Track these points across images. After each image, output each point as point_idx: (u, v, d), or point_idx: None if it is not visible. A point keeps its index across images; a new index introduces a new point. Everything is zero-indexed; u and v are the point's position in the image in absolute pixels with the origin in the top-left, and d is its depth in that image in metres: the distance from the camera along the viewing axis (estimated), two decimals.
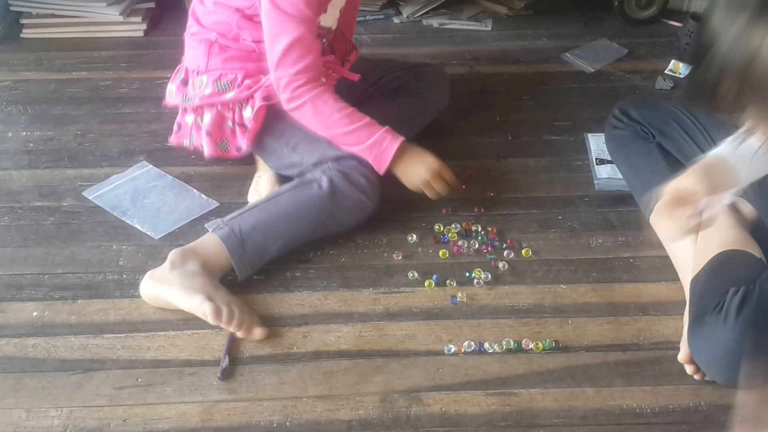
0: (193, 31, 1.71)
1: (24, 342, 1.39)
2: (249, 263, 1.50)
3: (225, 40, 1.66)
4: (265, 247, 1.51)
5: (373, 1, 2.49)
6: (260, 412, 1.28)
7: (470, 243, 1.60)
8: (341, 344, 1.39)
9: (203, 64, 1.68)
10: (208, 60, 1.67)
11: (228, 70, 1.66)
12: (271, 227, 1.52)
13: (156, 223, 1.65)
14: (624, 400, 1.29)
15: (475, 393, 1.30)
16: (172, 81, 1.76)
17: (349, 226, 1.60)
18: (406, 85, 1.87)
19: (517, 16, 2.49)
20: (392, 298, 1.48)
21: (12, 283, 1.52)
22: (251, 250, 1.49)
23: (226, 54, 1.66)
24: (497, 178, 1.78)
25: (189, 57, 1.72)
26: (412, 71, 1.89)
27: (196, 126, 1.71)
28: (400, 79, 1.88)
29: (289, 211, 1.54)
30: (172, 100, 1.76)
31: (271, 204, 1.55)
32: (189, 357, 1.37)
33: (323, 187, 1.54)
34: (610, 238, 1.61)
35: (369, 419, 1.26)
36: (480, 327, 1.42)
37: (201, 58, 1.68)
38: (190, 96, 1.70)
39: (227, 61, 1.66)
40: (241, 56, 1.66)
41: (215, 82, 1.66)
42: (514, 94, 2.09)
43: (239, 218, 1.52)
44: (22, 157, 1.85)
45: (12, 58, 2.26)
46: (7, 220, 1.67)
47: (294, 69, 1.54)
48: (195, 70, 1.70)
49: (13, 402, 1.29)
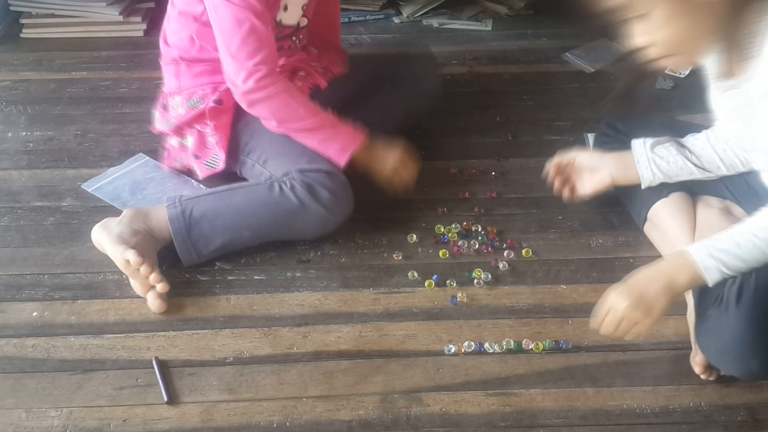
0: (163, 53, 1.71)
1: (24, 342, 1.39)
2: (194, 250, 1.51)
3: (190, 56, 1.65)
4: (210, 237, 1.51)
5: (373, 1, 2.49)
6: (260, 412, 1.28)
7: (470, 243, 1.60)
8: (341, 344, 1.39)
9: (174, 85, 1.68)
10: (178, 80, 1.67)
11: (197, 87, 1.65)
12: (219, 218, 1.51)
13: None
14: (624, 400, 1.29)
15: (475, 393, 1.30)
16: (155, 107, 1.76)
17: (310, 237, 1.58)
18: (397, 73, 1.85)
19: (517, 16, 2.49)
20: (392, 298, 1.48)
21: (12, 283, 1.52)
22: (196, 236, 1.50)
23: (194, 71, 1.66)
24: (497, 178, 1.78)
25: (165, 80, 1.73)
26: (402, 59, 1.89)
27: (182, 147, 1.71)
28: (391, 68, 1.86)
29: (241, 207, 1.52)
30: (158, 125, 1.75)
31: (227, 195, 1.55)
32: (189, 357, 1.37)
33: (283, 192, 1.52)
34: (610, 238, 1.61)
35: (369, 419, 1.26)
36: (480, 327, 1.42)
37: (172, 79, 1.68)
38: (170, 119, 1.70)
39: (196, 77, 1.66)
40: (209, 70, 1.64)
41: (187, 101, 1.66)
42: (514, 94, 2.09)
43: (195, 200, 1.52)
44: (22, 157, 1.85)
45: (12, 58, 2.26)
46: (7, 220, 1.67)
47: (252, 61, 1.52)
48: (169, 92, 1.70)
49: (13, 402, 1.29)
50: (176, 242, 1.50)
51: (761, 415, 1.26)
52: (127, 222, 1.49)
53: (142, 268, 1.41)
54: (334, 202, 1.53)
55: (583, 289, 1.49)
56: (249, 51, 1.51)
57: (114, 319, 1.44)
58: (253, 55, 1.51)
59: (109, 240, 1.47)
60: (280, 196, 1.51)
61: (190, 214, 1.50)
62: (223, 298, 1.48)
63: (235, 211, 1.52)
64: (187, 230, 1.49)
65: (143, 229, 1.49)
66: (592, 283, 1.50)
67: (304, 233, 1.57)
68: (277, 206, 1.52)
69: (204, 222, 1.50)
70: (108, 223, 1.51)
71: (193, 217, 1.50)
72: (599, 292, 1.48)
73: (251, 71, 1.52)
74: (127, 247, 1.43)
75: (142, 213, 1.53)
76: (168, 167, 1.76)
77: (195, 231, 1.50)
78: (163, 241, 1.51)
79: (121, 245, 1.44)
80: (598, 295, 1.47)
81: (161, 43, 1.71)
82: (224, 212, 1.52)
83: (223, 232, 1.51)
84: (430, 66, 1.94)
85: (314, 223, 1.54)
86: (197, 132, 1.66)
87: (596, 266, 1.54)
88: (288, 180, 1.53)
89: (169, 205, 1.52)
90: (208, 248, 1.52)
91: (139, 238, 1.47)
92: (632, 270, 1.53)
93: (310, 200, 1.51)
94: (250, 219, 1.52)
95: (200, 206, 1.51)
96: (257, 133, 1.62)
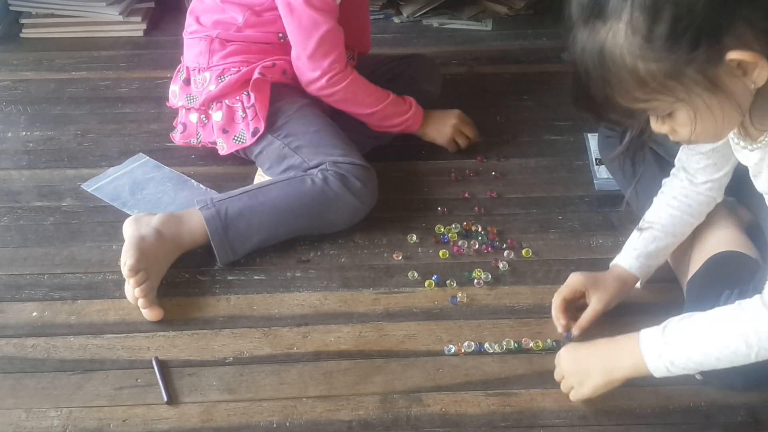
0: (192, 30, 1.71)
1: (24, 342, 1.39)
2: (230, 249, 1.51)
3: (227, 35, 1.67)
4: (247, 235, 1.51)
5: (373, 1, 2.49)
6: (260, 413, 1.28)
7: (470, 243, 1.60)
8: (341, 344, 1.39)
9: (204, 61, 1.68)
10: (209, 57, 1.68)
11: (230, 65, 1.66)
12: (255, 216, 1.52)
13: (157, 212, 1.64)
14: (624, 400, 1.28)
15: (476, 393, 1.30)
16: (174, 82, 1.76)
17: (338, 228, 1.60)
18: (399, 76, 1.88)
19: (518, 15, 2.49)
20: (392, 299, 1.48)
21: (12, 283, 1.52)
22: (233, 236, 1.50)
23: (227, 49, 1.67)
24: (497, 178, 1.78)
25: (189, 56, 1.72)
26: (404, 62, 1.92)
27: (201, 124, 1.72)
28: (393, 71, 1.90)
29: (277, 203, 1.53)
30: (175, 100, 1.76)
31: (261, 192, 1.55)
32: (189, 357, 1.37)
33: (316, 184, 1.54)
34: (611, 238, 1.61)
35: (369, 420, 1.26)
36: (480, 327, 1.42)
37: (202, 55, 1.68)
38: (194, 94, 1.70)
39: (229, 56, 1.67)
40: (242, 49, 1.67)
41: (218, 78, 1.66)
42: (514, 94, 2.09)
43: (228, 201, 1.52)
44: (21, 157, 1.85)
45: (12, 57, 2.25)
46: (7, 220, 1.67)
47: (327, 61, 1.63)
48: (196, 68, 1.70)
49: (13, 402, 1.29)
50: (214, 243, 1.50)
51: (761, 415, 1.26)
52: (157, 225, 1.48)
53: (131, 281, 1.41)
54: (364, 192, 1.57)
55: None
56: (324, 51, 1.62)
57: (114, 319, 1.44)
58: (327, 55, 1.63)
59: (128, 237, 1.47)
60: (314, 187, 1.54)
61: (225, 214, 1.50)
62: (223, 298, 1.48)
63: (271, 207, 1.53)
64: (224, 230, 1.50)
65: (171, 235, 1.48)
66: None
67: (336, 224, 1.59)
68: (313, 199, 1.54)
69: (241, 221, 1.51)
70: (140, 220, 1.50)
71: (229, 216, 1.50)
72: None
73: (326, 71, 1.63)
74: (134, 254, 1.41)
75: (175, 217, 1.51)
76: (183, 143, 1.77)
77: (232, 230, 1.50)
78: (190, 246, 1.51)
79: (134, 249, 1.42)
80: None
81: (189, 18, 1.74)
82: (260, 209, 1.52)
83: (260, 230, 1.52)
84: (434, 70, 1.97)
85: (347, 213, 1.58)
86: (226, 107, 1.67)
87: (596, 266, 1.54)
88: (320, 172, 1.55)
89: (202, 207, 1.51)
90: (244, 246, 1.53)
91: (158, 246, 1.45)
92: None
93: (344, 191, 1.54)
94: (287, 214, 1.54)
95: (235, 205, 1.52)
96: (294, 117, 1.65)
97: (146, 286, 1.41)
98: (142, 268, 1.41)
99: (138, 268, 1.41)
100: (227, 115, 1.67)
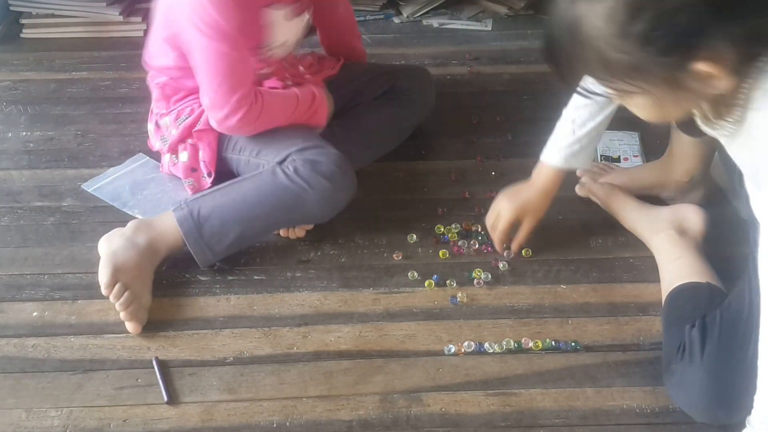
0: (149, 75, 1.71)
1: (24, 342, 1.39)
2: (207, 248, 1.50)
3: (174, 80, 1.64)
4: (222, 233, 1.50)
5: (373, 1, 2.49)
6: (260, 412, 1.28)
7: (470, 243, 1.60)
8: (341, 344, 1.39)
9: (163, 106, 1.68)
10: (166, 103, 1.67)
11: (184, 107, 1.65)
12: (228, 212, 1.50)
13: (157, 213, 1.64)
14: (624, 400, 1.29)
15: (475, 393, 1.30)
16: (149, 120, 1.75)
17: (322, 219, 1.58)
18: (393, 89, 1.84)
19: (517, 15, 2.49)
20: (392, 298, 1.48)
21: (12, 283, 1.52)
22: (208, 234, 1.49)
23: (178, 94, 1.66)
24: (497, 178, 1.78)
25: (153, 100, 1.72)
26: (396, 74, 1.87)
27: (172, 163, 1.70)
28: (387, 83, 1.85)
29: (248, 197, 1.52)
30: (154, 141, 1.75)
31: (233, 188, 1.54)
32: (189, 357, 1.37)
33: (287, 174, 1.51)
34: (610, 238, 1.61)
35: (369, 419, 1.26)
36: (480, 327, 1.42)
37: (160, 101, 1.68)
38: (164, 136, 1.69)
39: (180, 100, 1.66)
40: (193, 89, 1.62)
41: (176, 121, 1.65)
42: (514, 94, 2.09)
43: (200, 199, 1.52)
44: (22, 157, 1.85)
45: (12, 58, 2.26)
46: (7, 220, 1.67)
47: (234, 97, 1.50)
48: (158, 113, 1.70)
49: (13, 402, 1.29)
50: (189, 244, 1.49)
51: None
52: (129, 235, 1.47)
53: (110, 297, 1.40)
54: (339, 174, 1.53)
55: (583, 289, 1.49)
56: (229, 87, 1.50)
57: (114, 319, 1.43)
58: (234, 92, 1.50)
59: (103, 255, 1.45)
60: (285, 179, 1.51)
61: (198, 213, 1.49)
62: (223, 298, 1.49)
63: (243, 202, 1.51)
64: (198, 230, 1.48)
65: (145, 241, 1.47)
66: (592, 283, 1.50)
67: (315, 215, 1.56)
68: (285, 190, 1.51)
69: (213, 218, 1.49)
70: (112, 236, 1.48)
71: (201, 215, 1.49)
72: (599, 292, 1.49)
73: (234, 108, 1.51)
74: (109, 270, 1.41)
75: (145, 223, 1.50)
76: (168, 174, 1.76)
77: (206, 229, 1.49)
78: (168, 250, 1.49)
79: (107, 266, 1.42)
80: (598, 295, 1.48)
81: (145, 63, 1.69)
82: (232, 205, 1.51)
83: (234, 226, 1.50)
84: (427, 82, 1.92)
85: (324, 200, 1.53)
86: (190, 146, 1.65)
87: (596, 266, 1.55)
88: (289, 163, 1.53)
89: (175, 208, 1.51)
90: (221, 245, 1.51)
91: (133, 254, 1.44)
92: (632, 270, 1.54)
93: (315, 177, 1.51)
94: (259, 208, 1.52)
95: (207, 203, 1.51)
96: None
97: (125, 299, 1.40)
98: (119, 281, 1.41)
99: (113, 283, 1.40)
100: (192, 155, 1.66)
